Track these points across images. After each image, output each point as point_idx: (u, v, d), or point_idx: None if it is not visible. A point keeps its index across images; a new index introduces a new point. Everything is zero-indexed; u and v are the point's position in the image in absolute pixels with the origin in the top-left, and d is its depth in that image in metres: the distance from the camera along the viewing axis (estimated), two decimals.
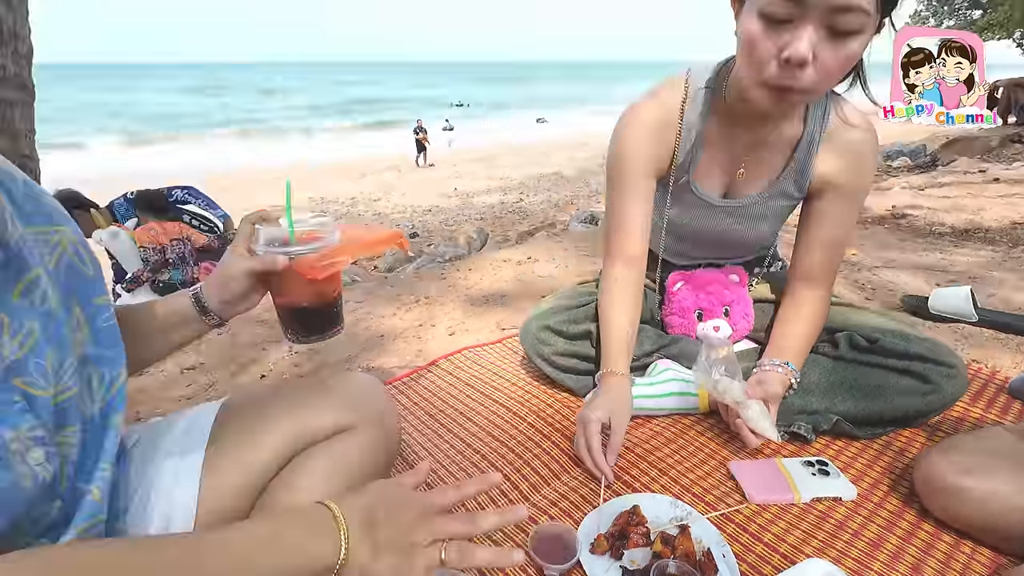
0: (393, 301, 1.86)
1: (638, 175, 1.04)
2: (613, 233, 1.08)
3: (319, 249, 0.70)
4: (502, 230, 6.86)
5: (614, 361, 1.02)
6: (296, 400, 0.75)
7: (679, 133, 1.03)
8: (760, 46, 0.81)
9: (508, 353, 1.43)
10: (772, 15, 0.79)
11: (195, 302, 0.71)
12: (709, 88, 1.02)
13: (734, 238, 1.15)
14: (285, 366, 1.44)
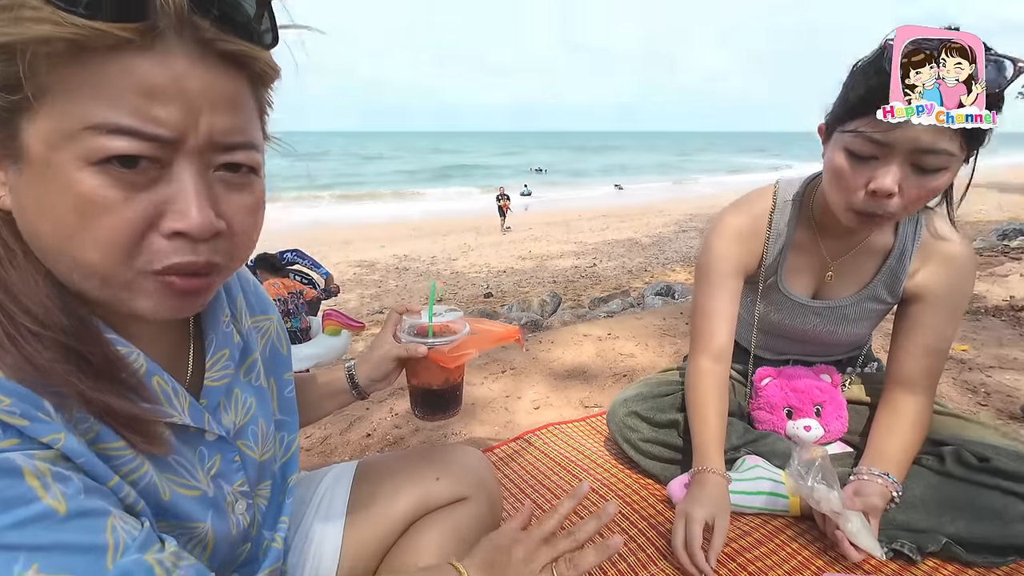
0: (482, 370, 1.98)
1: (725, 275, 1.11)
2: (701, 327, 1.14)
3: (452, 341, 0.83)
4: (575, 294, 6.96)
5: (710, 458, 1.03)
6: (420, 470, 0.86)
7: (767, 239, 1.12)
8: (847, 178, 0.89)
9: (592, 432, 1.49)
10: (858, 153, 0.86)
11: (348, 376, 0.86)
12: (797, 201, 1.10)
13: (824, 337, 1.18)
14: (387, 427, 1.58)
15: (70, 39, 0.36)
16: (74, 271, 0.42)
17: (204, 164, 0.42)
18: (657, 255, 9.44)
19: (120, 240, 0.40)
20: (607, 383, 1.86)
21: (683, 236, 11.09)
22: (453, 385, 0.88)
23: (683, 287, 5.41)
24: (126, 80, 0.37)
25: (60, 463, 0.40)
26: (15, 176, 0.40)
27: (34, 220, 0.41)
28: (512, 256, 9.98)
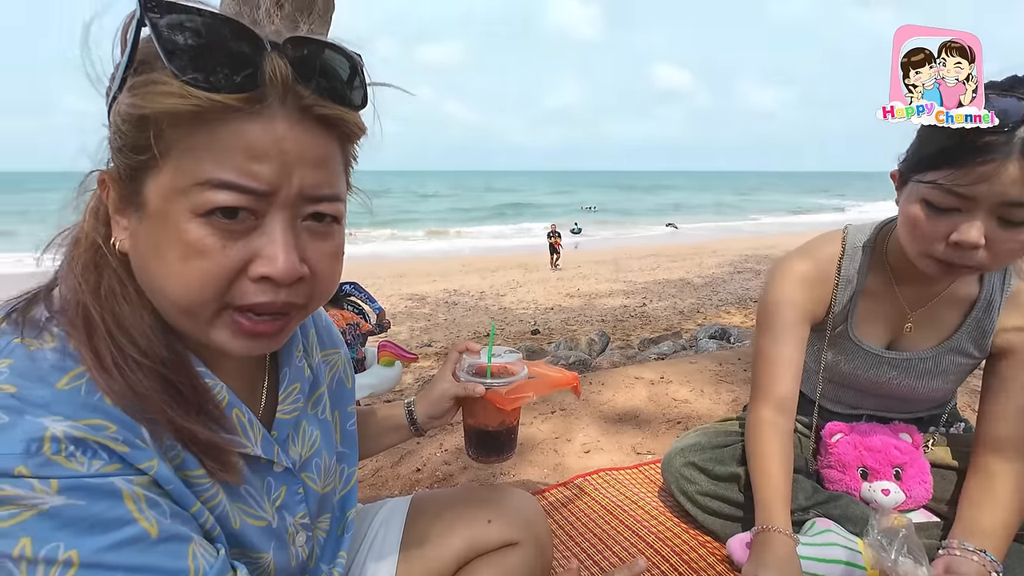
0: (531, 409, 1.96)
1: (790, 322, 1.06)
2: (763, 376, 1.08)
3: (511, 383, 0.83)
4: (624, 334, 6.82)
5: (775, 516, 0.96)
6: (472, 511, 0.86)
7: (836, 285, 1.06)
8: (925, 229, 0.85)
9: (645, 481, 1.43)
10: (937, 204, 0.82)
11: (407, 412, 0.88)
12: (869, 247, 1.05)
13: (902, 392, 1.10)
14: (437, 463, 1.58)
15: (193, 110, 0.40)
16: (171, 308, 0.46)
17: (293, 215, 0.46)
18: (710, 296, 9.16)
19: (213, 283, 0.44)
20: (660, 429, 1.79)
21: (738, 277, 10.73)
22: (508, 428, 0.88)
23: (739, 330, 5.20)
24: (234, 142, 0.42)
25: (152, 489, 0.43)
26: (136, 223, 0.45)
27: (146, 262, 0.45)
28: (560, 293, 9.96)
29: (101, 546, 0.39)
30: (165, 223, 0.43)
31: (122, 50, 0.43)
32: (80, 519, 0.38)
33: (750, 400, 1.12)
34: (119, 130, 0.43)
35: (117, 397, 0.43)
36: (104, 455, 0.40)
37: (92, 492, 0.39)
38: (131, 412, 0.44)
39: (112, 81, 0.44)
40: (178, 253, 0.43)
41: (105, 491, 0.40)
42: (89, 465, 0.39)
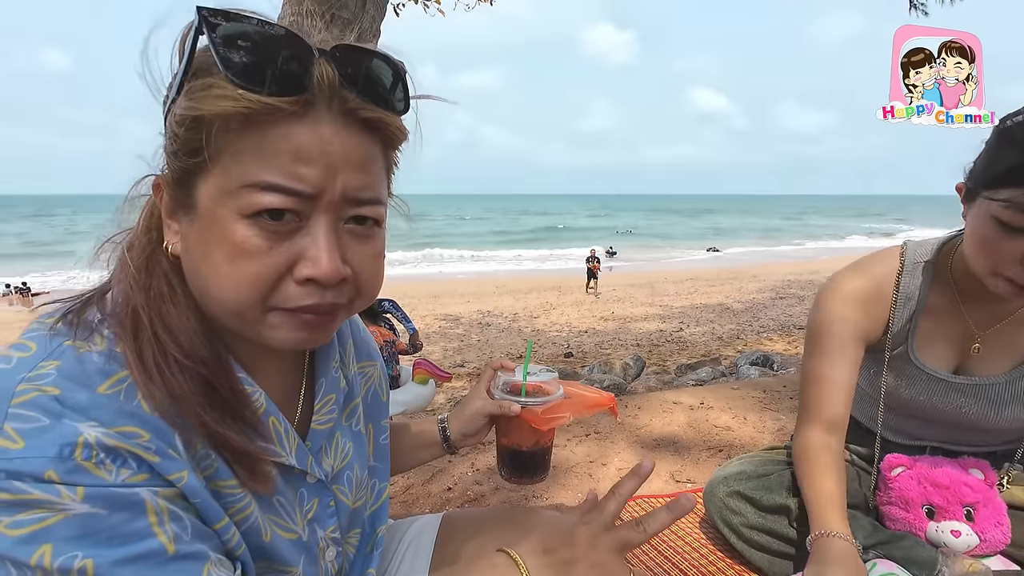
0: (564, 431, 1.91)
1: (842, 341, 1.00)
2: (812, 396, 1.02)
3: (546, 403, 0.80)
4: (659, 359, 6.65)
5: (831, 521, 0.88)
6: (504, 533, 0.82)
7: (894, 302, 1.00)
8: (996, 249, 0.80)
9: None
10: (1010, 223, 0.78)
11: (440, 429, 0.86)
12: (931, 263, 0.99)
13: (971, 421, 1.01)
14: (468, 482, 1.55)
15: (244, 112, 0.41)
16: (220, 308, 0.47)
17: (336, 217, 0.46)
18: (751, 322, 8.86)
19: (260, 285, 0.44)
20: (701, 457, 1.71)
21: (780, 303, 10.36)
22: (542, 448, 0.85)
23: (783, 357, 4.99)
24: (282, 145, 0.42)
25: (178, 502, 0.43)
26: (187, 226, 0.46)
27: (196, 264, 0.46)
28: (594, 316, 9.84)
29: (116, 558, 0.38)
30: (214, 225, 0.44)
31: (180, 58, 0.44)
32: (100, 529, 0.38)
33: (797, 424, 1.06)
34: (174, 134, 0.44)
35: (155, 400, 0.43)
36: (133, 464, 0.40)
37: (115, 502, 0.39)
38: (167, 417, 0.43)
39: (170, 89, 0.46)
40: (225, 254, 0.43)
41: (128, 502, 0.39)
42: (117, 474, 0.39)
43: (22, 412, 0.38)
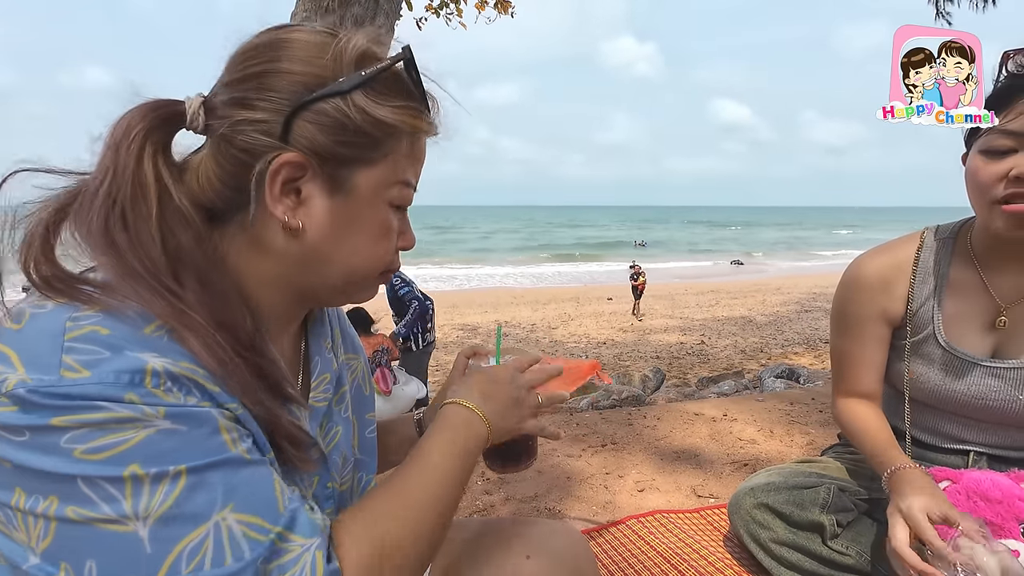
0: (579, 441, 1.84)
1: (865, 319, 1.00)
2: (843, 372, 1.04)
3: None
4: (680, 372, 6.51)
5: (896, 458, 0.89)
6: (509, 543, 0.76)
7: (913, 276, 0.99)
8: (981, 175, 0.83)
9: (708, 528, 1.27)
10: (993, 149, 0.82)
11: (417, 425, 0.81)
12: (951, 239, 0.99)
13: (1014, 412, 0.92)
14: (477, 492, 1.49)
15: (424, 131, 0.53)
16: (344, 275, 0.53)
17: None
18: (775, 335, 8.63)
19: (388, 255, 0.55)
20: (724, 471, 1.62)
21: (806, 316, 10.09)
22: (525, 435, 0.78)
23: (809, 371, 4.81)
24: (420, 155, 0.54)
25: (239, 426, 0.45)
26: (325, 201, 0.49)
27: (334, 234, 0.51)
28: (613, 328, 9.72)
29: (204, 463, 0.40)
30: (367, 207, 0.51)
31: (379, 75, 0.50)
32: (185, 443, 0.40)
33: (832, 396, 1.08)
34: (354, 126, 0.48)
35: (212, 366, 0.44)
36: (197, 392, 0.42)
37: (194, 419, 0.41)
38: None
39: (327, 86, 0.48)
40: (375, 233, 0.52)
41: (204, 419, 0.41)
42: (185, 399, 0.41)
43: (80, 346, 0.39)
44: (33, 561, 0.38)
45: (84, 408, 0.38)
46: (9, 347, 0.40)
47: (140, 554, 0.38)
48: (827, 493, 1.01)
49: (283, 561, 0.42)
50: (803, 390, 2.74)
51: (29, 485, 0.38)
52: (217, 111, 0.48)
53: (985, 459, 1.02)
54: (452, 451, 0.56)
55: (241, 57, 0.49)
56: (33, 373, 0.38)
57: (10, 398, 0.37)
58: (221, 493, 0.41)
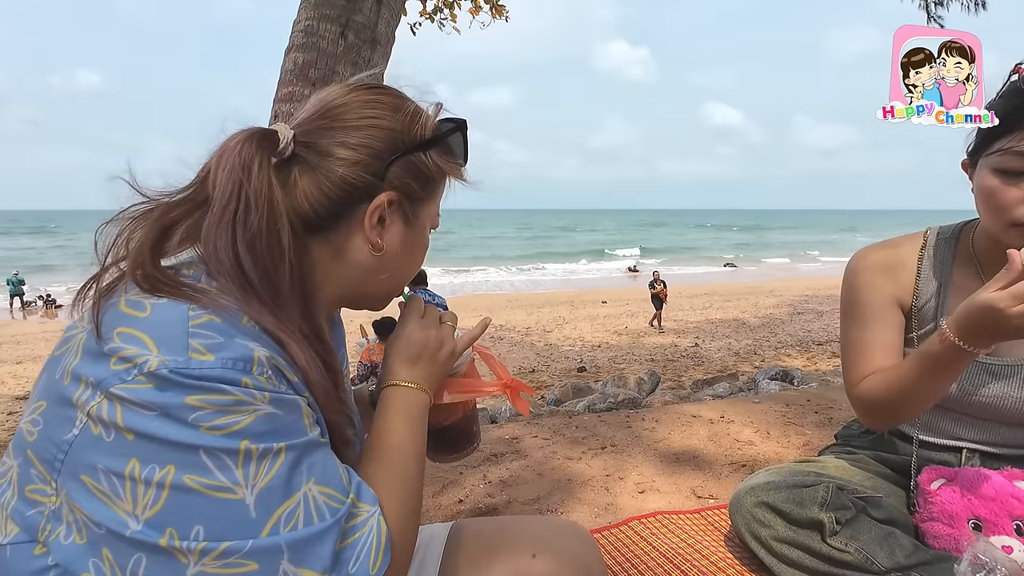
0: (579, 444, 1.86)
1: (877, 306, 1.00)
2: (857, 361, 1.00)
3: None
4: (675, 374, 6.54)
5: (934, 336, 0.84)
6: (517, 543, 0.77)
7: (918, 274, 1.01)
8: (999, 195, 0.83)
9: (709, 528, 1.29)
10: (1009, 169, 0.82)
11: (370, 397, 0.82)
12: (952, 239, 1.01)
13: (1006, 411, 0.95)
14: (480, 495, 1.50)
15: (464, 178, 0.66)
16: (391, 285, 0.63)
17: None
18: (768, 337, 8.69)
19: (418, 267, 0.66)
20: (723, 472, 1.64)
21: (798, 318, 10.17)
22: (447, 426, 0.75)
23: (803, 373, 4.86)
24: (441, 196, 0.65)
25: (311, 411, 0.52)
26: (399, 228, 0.60)
27: (399, 254, 0.61)
28: (607, 331, 9.74)
29: (296, 443, 0.47)
30: (422, 232, 0.64)
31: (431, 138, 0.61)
32: (282, 425, 0.46)
33: (846, 388, 1.03)
34: (423, 175, 0.60)
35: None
36: (285, 381, 0.49)
37: (288, 404, 0.47)
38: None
39: (426, 144, 0.60)
40: (422, 250, 0.65)
41: (294, 405, 0.48)
42: (279, 386, 0.47)
43: (201, 331, 0.45)
44: (135, 528, 0.42)
45: (211, 389, 0.43)
46: (141, 331, 0.45)
47: (246, 517, 0.44)
48: (826, 491, 1.03)
49: (355, 523, 0.51)
50: (798, 392, 2.77)
51: (148, 455, 0.42)
52: (314, 147, 0.56)
53: (978, 456, 1.05)
54: (405, 426, 0.63)
55: (338, 109, 0.58)
56: (167, 354, 0.43)
57: (150, 376, 0.43)
58: (306, 468, 0.48)
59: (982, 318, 0.75)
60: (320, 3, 1.62)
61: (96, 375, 0.44)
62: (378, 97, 0.60)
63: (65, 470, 0.44)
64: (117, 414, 0.42)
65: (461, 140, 0.64)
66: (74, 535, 0.44)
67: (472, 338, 0.73)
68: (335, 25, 1.59)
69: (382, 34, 1.64)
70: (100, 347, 0.45)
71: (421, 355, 0.66)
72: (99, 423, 0.43)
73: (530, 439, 1.90)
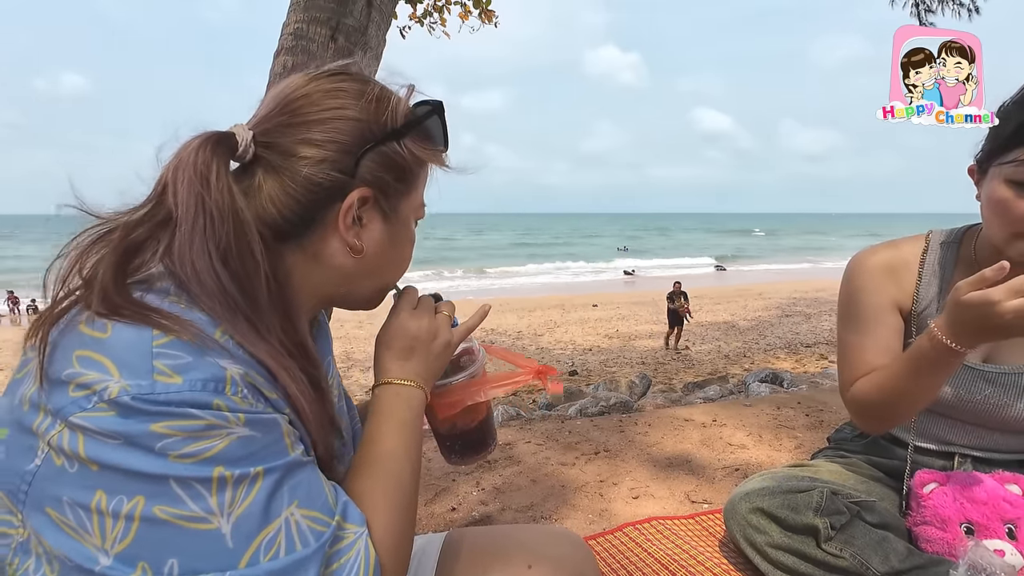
0: (572, 449, 1.85)
1: (877, 308, 0.99)
2: (855, 363, 0.98)
3: (454, 381, 0.67)
4: (665, 377, 6.56)
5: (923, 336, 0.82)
6: (511, 553, 0.76)
7: (920, 277, 1.00)
8: (1012, 207, 0.82)
9: (703, 533, 1.29)
10: (1021, 182, 0.81)
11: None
12: (954, 243, 1.00)
13: (1000, 418, 0.96)
14: (473, 502, 1.49)
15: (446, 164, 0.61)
16: (377, 286, 0.60)
17: None
18: (757, 340, 8.76)
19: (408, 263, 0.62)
20: (716, 476, 1.64)
21: (787, 321, 10.26)
22: (469, 429, 0.72)
23: (792, 375, 4.90)
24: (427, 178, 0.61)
25: (293, 428, 0.49)
26: (379, 225, 0.56)
27: (382, 251, 0.57)
28: (598, 334, 9.76)
29: (274, 466, 0.45)
30: (405, 226, 0.59)
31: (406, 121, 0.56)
32: (259, 448, 0.44)
33: (841, 393, 1.01)
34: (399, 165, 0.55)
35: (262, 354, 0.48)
36: (263, 399, 0.46)
37: (266, 425, 0.45)
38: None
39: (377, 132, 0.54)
40: (407, 246, 0.60)
41: (273, 424, 0.45)
42: (255, 404, 0.45)
43: (166, 351, 0.42)
44: (105, 563, 0.40)
45: (179, 415, 0.40)
46: (101, 354, 0.42)
47: (222, 548, 0.42)
48: (820, 496, 1.03)
49: (341, 546, 0.48)
50: (789, 395, 2.79)
51: (114, 486, 0.40)
52: (276, 146, 0.52)
53: (970, 461, 1.05)
54: (397, 430, 0.58)
55: (299, 102, 0.53)
56: (130, 379, 0.40)
57: (111, 404, 0.40)
58: (287, 492, 0.45)
59: (972, 313, 0.74)
60: (310, 5, 1.61)
61: (54, 403, 0.41)
62: (340, 85, 0.54)
63: (30, 502, 0.41)
64: (79, 444, 0.40)
65: (439, 123, 0.59)
66: (44, 568, 0.42)
67: (469, 328, 0.67)
68: (325, 28, 1.58)
69: (372, 37, 1.63)
70: (58, 372, 0.42)
71: (414, 348, 0.61)
72: (61, 454, 0.40)
73: (523, 445, 1.89)
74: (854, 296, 1.01)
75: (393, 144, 0.55)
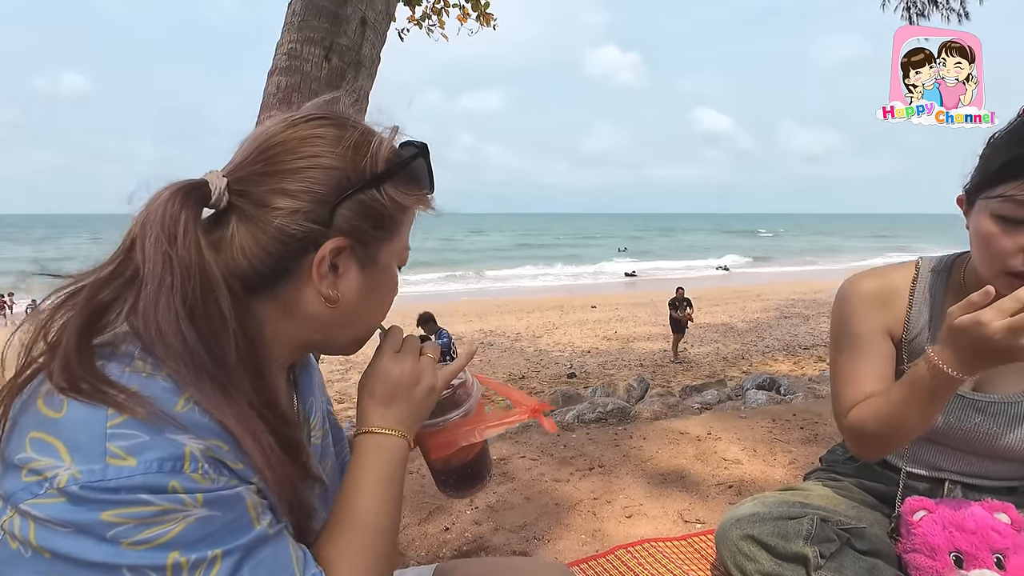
0: (567, 464, 1.85)
1: (869, 335, 0.99)
2: (847, 390, 0.98)
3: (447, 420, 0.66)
4: (664, 380, 6.57)
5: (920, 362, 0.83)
6: None
7: (910, 305, 1.00)
8: (997, 242, 0.82)
9: (695, 556, 1.29)
10: (1009, 216, 0.80)
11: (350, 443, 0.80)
12: (944, 271, 1.00)
13: (989, 445, 0.96)
14: (466, 522, 1.49)
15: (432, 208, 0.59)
16: (356, 334, 0.58)
17: None
18: (755, 342, 8.77)
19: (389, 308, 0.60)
20: (710, 493, 1.65)
21: (785, 322, 10.28)
22: (464, 463, 0.71)
23: (789, 380, 4.90)
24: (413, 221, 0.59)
25: (261, 498, 0.47)
26: (355, 274, 0.54)
27: (360, 300, 0.55)
28: (597, 336, 9.77)
29: (235, 546, 0.43)
30: (386, 273, 0.57)
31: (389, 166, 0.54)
32: (219, 527, 0.43)
33: (836, 420, 1.01)
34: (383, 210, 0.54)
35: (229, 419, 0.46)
36: (226, 472, 0.44)
37: (227, 502, 0.43)
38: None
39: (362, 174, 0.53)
40: (389, 293, 0.59)
41: (236, 500, 0.44)
42: (217, 480, 0.43)
43: (121, 431, 0.41)
44: None
45: (131, 502, 0.39)
46: (53, 436, 0.41)
47: None
48: (811, 524, 1.03)
49: None
50: (784, 406, 2.79)
51: (66, 574, 0.39)
52: (250, 196, 0.50)
53: (960, 487, 1.05)
54: (374, 488, 0.56)
55: (274, 149, 0.51)
56: (81, 464, 0.39)
57: (61, 492, 0.39)
58: (248, 571, 0.44)
59: (965, 337, 0.75)
60: (304, 26, 1.61)
61: (6, 488, 0.40)
62: (316, 131, 0.52)
63: None
64: (30, 532, 0.39)
65: (424, 166, 0.57)
66: None
67: (454, 371, 0.65)
68: (319, 48, 1.57)
69: (367, 56, 1.63)
70: (12, 455, 0.41)
71: (396, 394, 0.58)
72: (15, 539, 0.39)
73: (518, 460, 1.90)
74: (846, 322, 1.01)
75: (372, 191, 0.53)
